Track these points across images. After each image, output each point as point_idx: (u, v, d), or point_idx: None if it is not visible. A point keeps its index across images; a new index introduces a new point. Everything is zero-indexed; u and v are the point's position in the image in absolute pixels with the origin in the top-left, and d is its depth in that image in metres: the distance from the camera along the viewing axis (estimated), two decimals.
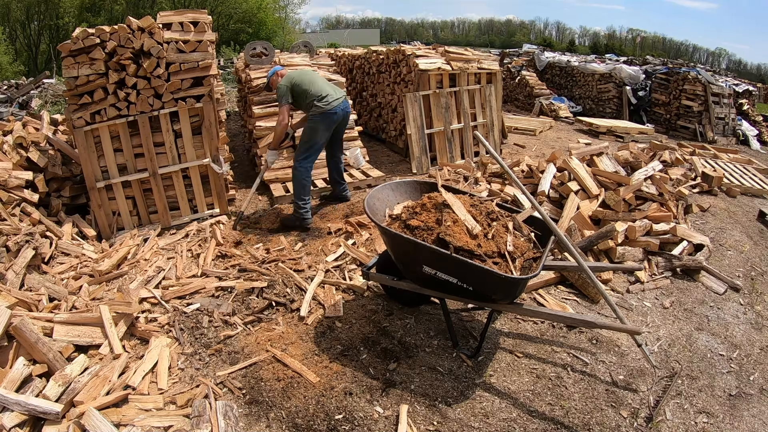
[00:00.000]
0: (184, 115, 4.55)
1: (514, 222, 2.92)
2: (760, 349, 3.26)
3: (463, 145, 6.91)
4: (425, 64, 6.44)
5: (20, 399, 2.25)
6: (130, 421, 2.29)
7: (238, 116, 9.63)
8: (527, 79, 13.21)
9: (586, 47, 59.48)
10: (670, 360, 3.01)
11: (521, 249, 2.74)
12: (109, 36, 4.14)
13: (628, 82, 11.48)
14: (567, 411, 2.55)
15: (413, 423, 2.41)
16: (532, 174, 4.94)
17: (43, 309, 3.12)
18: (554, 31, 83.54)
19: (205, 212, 4.84)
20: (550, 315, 2.90)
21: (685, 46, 74.12)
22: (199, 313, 3.19)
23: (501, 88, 7.58)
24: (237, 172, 6.22)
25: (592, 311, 3.44)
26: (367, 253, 3.91)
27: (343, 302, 3.30)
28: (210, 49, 4.50)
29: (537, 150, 7.89)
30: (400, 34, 76.40)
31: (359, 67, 8.53)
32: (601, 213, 4.30)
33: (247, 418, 2.43)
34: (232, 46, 19.31)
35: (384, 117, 7.80)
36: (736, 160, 7.22)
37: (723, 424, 2.62)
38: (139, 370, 2.63)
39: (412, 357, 2.84)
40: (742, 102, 11.92)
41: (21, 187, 4.16)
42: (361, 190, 5.55)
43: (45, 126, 5.09)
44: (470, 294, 2.65)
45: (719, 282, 3.91)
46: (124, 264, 3.93)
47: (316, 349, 2.89)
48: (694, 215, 5.01)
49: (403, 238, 2.67)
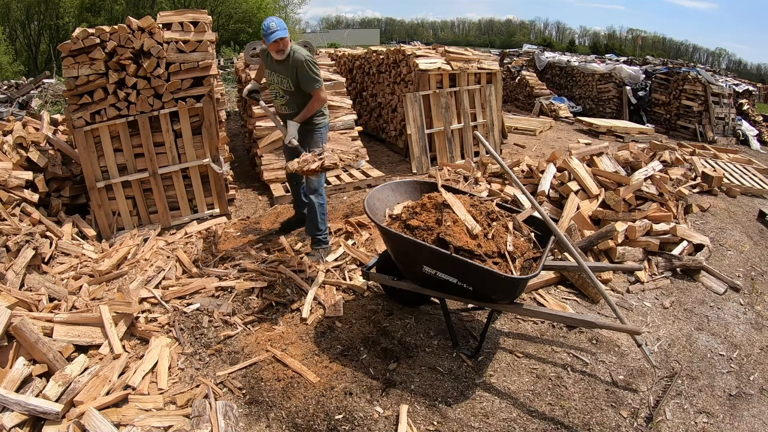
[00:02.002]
0: (184, 115, 4.55)
1: (514, 222, 2.91)
2: (760, 349, 3.26)
3: (463, 145, 6.91)
4: (425, 64, 6.45)
5: (20, 399, 2.25)
6: (130, 421, 2.29)
7: (238, 116, 9.63)
8: (527, 79, 13.21)
9: (586, 47, 59.49)
10: (670, 360, 3.01)
11: (521, 249, 2.74)
12: (109, 36, 4.14)
13: (628, 82, 11.48)
14: (567, 411, 2.54)
15: (413, 423, 2.41)
16: (532, 174, 4.94)
17: (43, 309, 3.12)
18: (554, 31, 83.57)
19: (205, 212, 4.84)
20: (550, 315, 2.91)
21: (685, 46, 74.15)
22: (199, 313, 3.19)
23: (501, 88, 7.59)
24: (237, 172, 6.22)
25: (592, 311, 3.44)
26: (367, 253, 3.91)
27: (343, 302, 3.30)
28: (210, 49, 4.50)
29: (537, 150, 7.89)
30: (400, 34, 76.40)
31: (359, 67, 8.53)
32: (601, 213, 4.30)
33: (247, 418, 2.43)
34: (232, 46, 19.29)
35: (384, 117, 7.80)
36: (736, 160, 7.22)
37: (723, 424, 2.62)
38: (139, 370, 2.63)
39: (412, 357, 2.84)
40: (742, 102, 11.92)
41: (21, 187, 4.16)
42: (361, 190, 5.55)
43: (45, 126, 5.08)
44: (470, 294, 2.65)
45: (719, 282, 3.90)
46: (124, 264, 3.93)
47: (316, 349, 2.89)
48: (694, 215, 5.01)
49: (403, 238, 2.67)
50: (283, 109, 3.80)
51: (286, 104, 3.75)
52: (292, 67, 3.57)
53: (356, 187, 5.63)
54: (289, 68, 3.59)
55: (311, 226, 3.89)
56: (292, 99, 3.71)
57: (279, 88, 3.73)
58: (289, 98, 3.72)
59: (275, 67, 3.66)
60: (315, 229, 3.87)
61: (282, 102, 3.77)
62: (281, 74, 3.65)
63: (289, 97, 3.71)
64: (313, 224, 3.86)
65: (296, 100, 3.69)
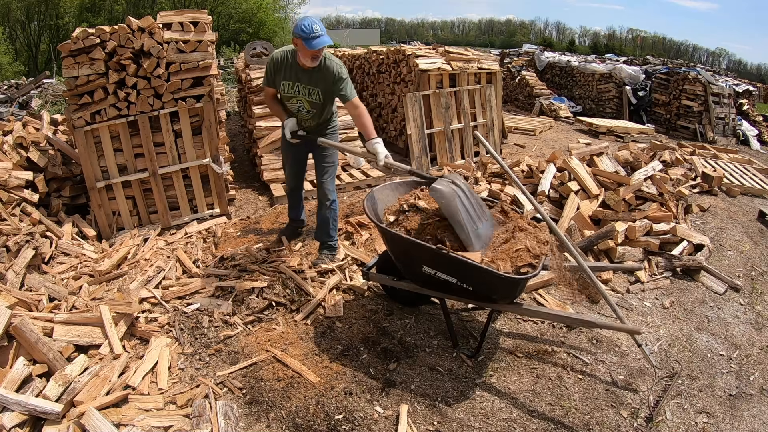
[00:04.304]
0: (184, 115, 4.55)
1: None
2: (760, 349, 3.26)
3: (463, 145, 6.91)
4: (425, 64, 6.45)
5: (20, 399, 2.25)
6: (130, 421, 2.29)
7: (238, 116, 9.63)
8: (527, 79, 13.21)
9: (586, 47, 59.50)
10: (670, 360, 3.01)
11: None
12: (109, 36, 4.14)
13: (628, 82, 11.48)
14: (567, 411, 2.54)
15: (413, 423, 2.41)
16: (532, 174, 4.94)
17: (43, 309, 3.12)
18: (554, 31, 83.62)
19: (205, 212, 4.84)
20: (550, 315, 2.91)
21: (685, 46, 74.16)
22: (199, 313, 3.19)
23: (501, 88, 7.59)
24: (237, 172, 6.22)
25: (592, 311, 3.44)
26: (367, 253, 3.91)
27: (343, 302, 3.30)
28: (210, 49, 4.50)
29: (537, 150, 7.89)
30: (400, 34, 76.43)
31: (359, 67, 8.54)
32: (601, 213, 4.30)
33: (247, 418, 2.43)
34: (232, 46, 19.29)
35: (384, 117, 7.80)
36: (736, 160, 7.22)
37: (723, 424, 2.62)
38: (139, 370, 2.63)
39: (412, 357, 2.84)
40: (742, 102, 11.92)
41: (21, 187, 4.16)
42: (361, 190, 5.55)
43: (45, 126, 5.08)
44: (470, 294, 2.65)
45: (719, 282, 3.91)
46: (124, 264, 3.93)
47: (316, 349, 2.89)
48: (694, 215, 5.01)
49: (403, 238, 2.67)
50: (308, 123, 3.40)
51: (311, 118, 3.37)
52: (325, 75, 3.14)
53: (356, 187, 5.63)
54: (320, 76, 3.16)
55: (323, 233, 3.74)
56: (317, 112, 3.32)
57: (305, 101, 3.25)
58: (316, 111, 3.32)
59: (301, 77, 3.17)
60: (327, 237, 3.74)
61: (308, 117, 3.35)
62: (309, 85, 3.18)
63: (315, 110, 3.31)
64: (326, 231, 3.72)
65: (321, 112, 3.34)
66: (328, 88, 3.19)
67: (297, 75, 3.18)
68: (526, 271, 2.47)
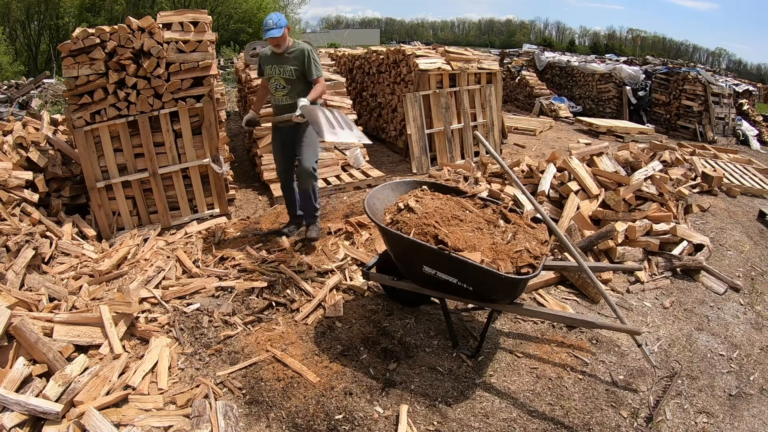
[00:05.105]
0: (184, 115, 4.55)
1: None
2: (760, 349, 3.26)
3: (463, 145, 6.91)
4: (425, 64, 6.44)
5: (20, 399, 2.25)
6: (130, 421, 2.29)
7: (238, 116, 9.63)
8: (527, 79, 13.21)
9: (586, 47, 59.47)
10: (670, 360, 3.01)
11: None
12: (109, 36, 4.14)
13: (628, 82, 11.48)
14: (567, 411, 2.54)
15: (413, 423, 2.41)
16: (532, 174, 4.94)
17: (43, 309, 3.12)
18: (554, 31, 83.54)
19: (205, 212, 4.84)
20: (550, 315, 2.91)
21: (685, 46, 74.12)
22: (199, 313, 3.19)
23: (501, 88, 7.59)
24: (237, 172, 6.22)
25: (592, 311, 3.44)
26: (367, 253, 3.91)
27: (343, 302, 3.30)
28: (210, 49, 4.50)
29: (537, 150, 7.89)
30: (400, 34, 76.37)
31: (359, 67, 8.53)
32: (601, 213, 4.30)
33: (247, 418, 2.43)
34: (232, 46, 19.28)
35: (384, 117, 7.80)
36: (736, 160, 7.22)
37: (723, 424, 2.62)
38: (139, 370, 2.63)
39: (412, 357, 2.84)
40: (742, 102, 11.92)
41: (21, 187, 4.16)
42: (361, 190, 5.55)
43: (45, 126, 5.08)
44: (470, 294, 2.65)
45: (719, 282, 3.91)
46: (124, 264, 3.93)
47: (316, 349, 2.89)
48: (694, 215, 5.01)
49: (404, 238, 2.67)
50: (283, 99, 3.89)
51: (286, 95, 3.85)
52: (297, 55, 3.76)
53: (356, 187, 5.63)
54: (293, 57, 3.77)
55: (309, 209, 4.03)
56: (293, 89, 3.82)
57: (280, 78, 3.83)
58: (290, 88, 3.82)
59: (276, 59, 3.82)
60: (313, 209, 4.02)
61: (282, 93, 3.87)
62: (283, 64, 3.79)
63: (290, 87, 3.83)
64: (311, 205, 4.00)
65: (296, 90, 3.82)
66: (300, 66, 3.79)
67: (274, 59, 3.86)
68: (526, 272, 2.47)
